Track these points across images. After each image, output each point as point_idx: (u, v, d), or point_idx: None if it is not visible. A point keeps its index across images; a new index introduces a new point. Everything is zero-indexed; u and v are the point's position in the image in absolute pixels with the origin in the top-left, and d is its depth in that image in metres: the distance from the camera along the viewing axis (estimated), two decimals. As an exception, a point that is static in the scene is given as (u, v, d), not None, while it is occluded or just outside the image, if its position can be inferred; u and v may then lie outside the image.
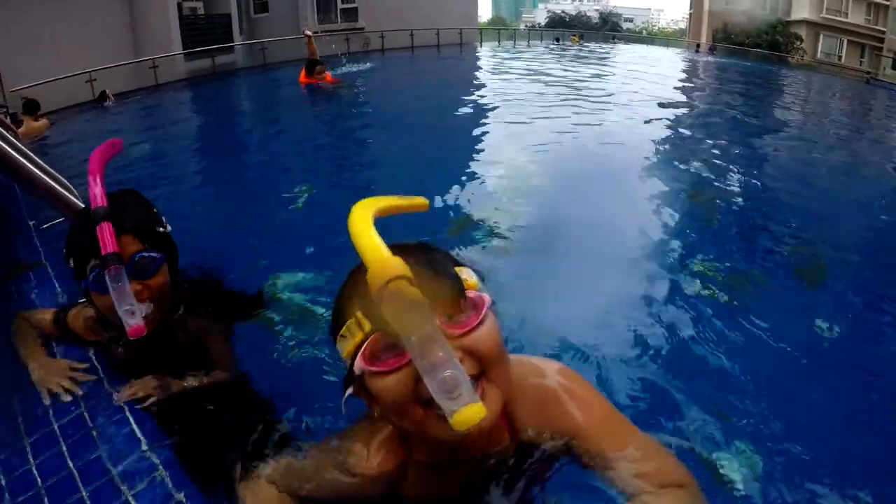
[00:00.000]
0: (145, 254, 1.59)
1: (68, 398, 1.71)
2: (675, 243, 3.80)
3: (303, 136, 7.86)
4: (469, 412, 0.86)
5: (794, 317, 3.02)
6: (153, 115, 11.79)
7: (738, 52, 34.05)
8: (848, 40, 35.20)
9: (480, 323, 0.97)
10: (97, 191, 1.54)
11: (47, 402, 1.70)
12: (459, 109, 9.11)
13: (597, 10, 69.08)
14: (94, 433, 1.58)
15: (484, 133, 7.52)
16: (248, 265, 3.29)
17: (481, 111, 9.10)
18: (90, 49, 14.67)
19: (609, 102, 10.12)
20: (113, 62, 14.66)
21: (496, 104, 9.73)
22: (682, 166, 5.76)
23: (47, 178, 2.46)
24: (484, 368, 0.98)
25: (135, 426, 1.59)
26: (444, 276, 0.99)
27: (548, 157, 6.09)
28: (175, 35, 17.08)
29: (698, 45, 35.53)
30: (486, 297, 1.00)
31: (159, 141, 8.48)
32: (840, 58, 35.45)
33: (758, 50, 34.42)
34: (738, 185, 5.35)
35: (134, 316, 1.52)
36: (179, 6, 17.68)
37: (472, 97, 10.78)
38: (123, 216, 1.57)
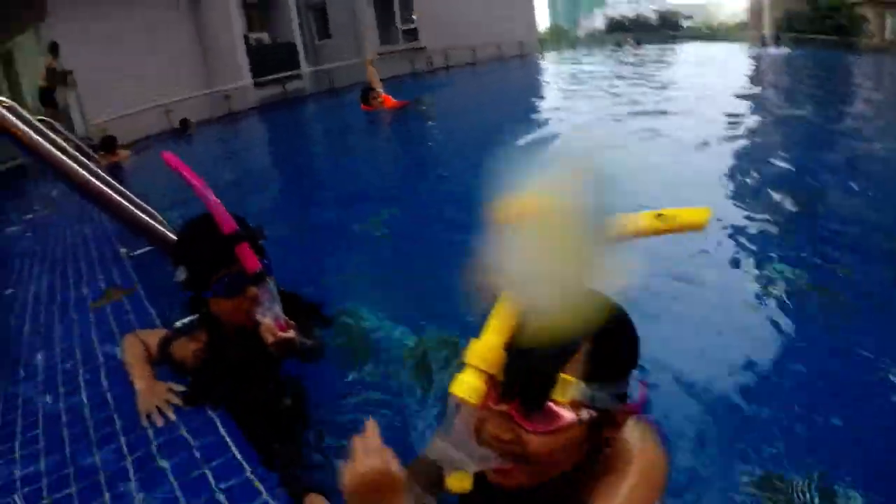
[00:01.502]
0: (263, 261, 1.80)
1: (161, 423, 1.78)
2: (757, 252, 3.56)
3: (374, 163, 7.92)
4: (455, 479, 0.99)
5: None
6: (230, 144, 12.17)
7: (804, 41, 32.37)
8: (918, 15, 33.03)
9: (540, 433, 0.99)
10: (224, 213, 1.74)
11: (144, 423, 1.78)
12: (527, 125, 9.03)
13: (654, 9, 67.77)
14: (197, 454, 1.63)
15: (554, 143, 7.43)
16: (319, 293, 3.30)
17: (549, 124, 9.02)
18: (165, 81, 15.32)
19: (676, 106, 9.76)
20: (187, 93, 15.27)
21: (562, 116, 9.63)
22: (757, 172, 5.49)
23: (137, 211, 2.59)
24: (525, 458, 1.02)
25: (235, 449, 1.64)
26: (533, 379, 0.98)
27: (624, 165, 5.96)
28: (243, 65, 17.63)
29: (763, 38, 33.69)
30: (567, 416, 0.98)
31: (236, 169, 8.73)
32: (913, 35, 33.34)
33: (823, 37, 32.67)
34: (820, 190, 5.05)
35: (279, 318, 1.75)
36: (246, 37, 18.24)
37: (539, 111, 10.71)
38: (249, 233, 1.79)
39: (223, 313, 1.85)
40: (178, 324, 1.98)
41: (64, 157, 2.32)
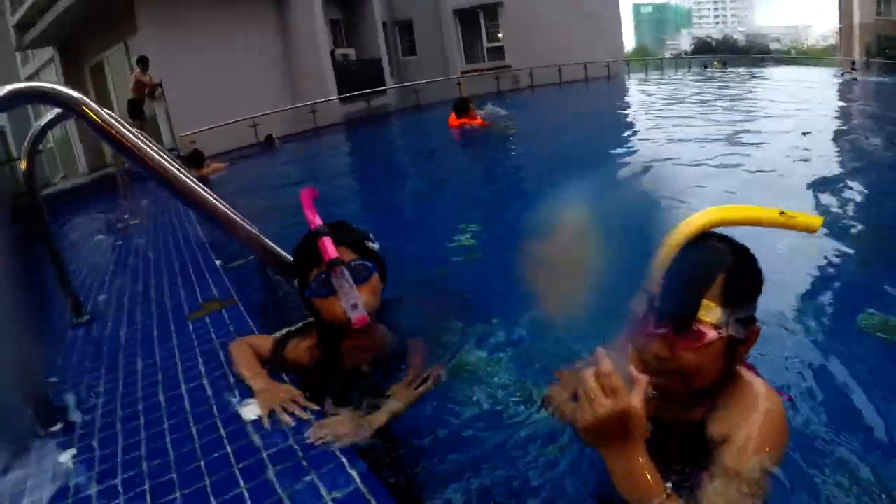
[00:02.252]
0: (359, 262, 1.89)
1: (292, 423, 1.72)
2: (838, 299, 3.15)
3: (462, 183, 7.72)
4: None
5: None
6: (315, 158, 12.32)
7: (894, 67, 30.24)
8: None
9: (687, 348, 1.24)
10: (314, 217, 1.92)
11: (266, 422, 1.73)
12: (616, 147, 8.68)
13: (742, 31, 66.30)
14: (304, 463, 1.55)
15: (642, 169, 7.05)
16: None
17: (635, 147, 8.65)
18: (252, 95, 15.80)
19: (760, 132, 9.21)
20: (273, 107, 15.61)
21: (647, 139, 9.27)
22: (838, 205, 4.95)
23: (250, 227, 2.53)
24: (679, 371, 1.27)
25: (345, 460, 1.55)
26: (686, 298, 1.23)
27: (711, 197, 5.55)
28: (330, 80, 17.98)
29: (853, 64, 31.31)
30: (710, 333, 1.22)
31: (319, 184, 8.72)
32: None
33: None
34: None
35: (357, 309, 1.81)
36: (332, 53, 18.55)
37: (626, 133, 10.35)
38: (339, 232, 1.91)
39: (325, 314, 1.90)
40: (292, 328, 2.09)
41: (179, 172, 2.27)
